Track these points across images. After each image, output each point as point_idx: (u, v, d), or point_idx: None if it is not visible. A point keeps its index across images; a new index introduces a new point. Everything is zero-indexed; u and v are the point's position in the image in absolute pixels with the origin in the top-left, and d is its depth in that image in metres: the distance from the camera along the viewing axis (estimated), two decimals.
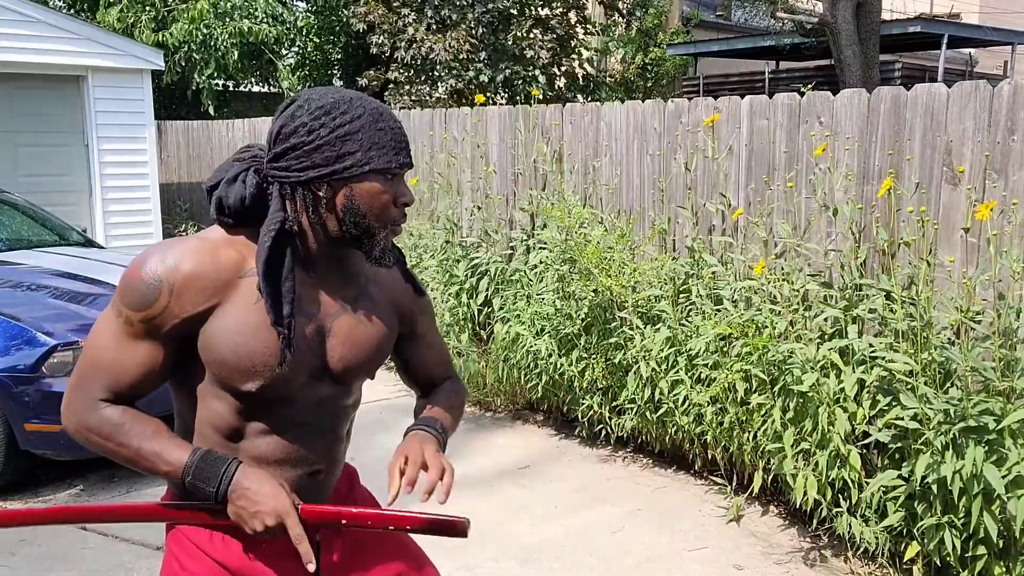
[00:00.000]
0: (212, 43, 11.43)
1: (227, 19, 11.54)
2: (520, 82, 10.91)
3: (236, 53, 11.51)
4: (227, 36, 11.38)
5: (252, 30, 11.48)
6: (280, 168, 1.36)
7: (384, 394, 5.29)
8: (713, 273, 4.10)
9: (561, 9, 11.52)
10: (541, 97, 5.59)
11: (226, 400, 1.39)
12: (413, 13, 10.81)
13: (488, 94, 10.19)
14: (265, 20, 11.91)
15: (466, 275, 5.40)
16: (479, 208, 5.74)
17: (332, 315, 1.44)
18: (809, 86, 4.17)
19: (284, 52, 13.85)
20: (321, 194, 1.36)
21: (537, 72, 10.77)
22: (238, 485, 1.35)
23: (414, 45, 10.48)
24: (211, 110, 11.79)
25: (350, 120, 1.34)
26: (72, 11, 12.47)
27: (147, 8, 11.59)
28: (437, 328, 1.72)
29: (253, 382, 1.36)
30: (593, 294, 4.33)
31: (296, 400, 1.43)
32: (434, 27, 10.74)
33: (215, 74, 11.72)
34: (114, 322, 1.36)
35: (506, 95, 10.97)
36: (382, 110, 1.38)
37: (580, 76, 12.09)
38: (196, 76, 11.55)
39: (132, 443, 1.35)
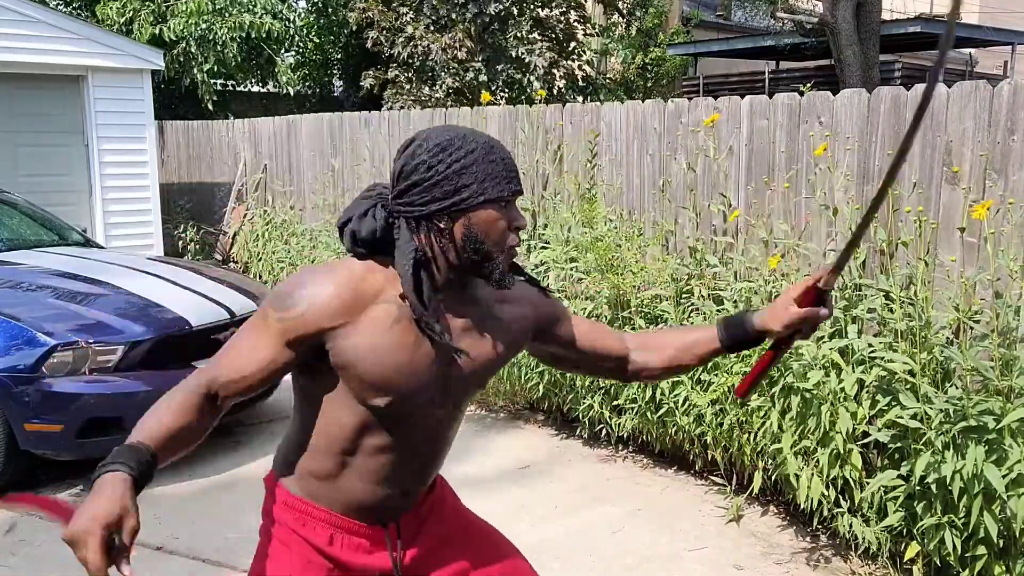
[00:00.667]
0: (211, 37, 11.42)
1: (226, 14, 11.54)
2: (519, 85, 10.90)
3: (235, 47, 11.50)
4: (227, 31, 11.37)
5: (253, 23, 11.47)
6: (404, 204, 1.46)
7: None
8: (715, 273, 4.11)
9: (560, 9, 11.50)
10: (540, 98, 5.58)
11: (355, 414, 1.48)
12: (411, 12, 10.81)
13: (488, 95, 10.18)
14: (265, 16, 11.90)
15: None
16: None
17: (457, 338, 1.52)
18: (808, 86, 4.17)
19: (284, 51, 13.85)
20: (442, 225, 1.45)
21: (534, 78, 10.76)
22: (97, 486, 1.25)
23: (411, 43, 10.47)
24: (210, 105, 11.77)
25: (464, 155, 1.43)
26: (69, 7, 12.47)
27: (147, 2, 11.58)
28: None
29: (383, 397, 1.45)
30: (607, 293, 4.31)
31: (417, 419, 1.52)
32: (432, 27, 10.74)
33: (214, 68, 11.71)
34: (257, 320, 1.46)
35: (505, 95, 10.96)
36: (492, 143, 1.47)
37: (579, 78, 12.07)
38: (195, 71, 11.53)
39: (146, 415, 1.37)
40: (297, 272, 1.49)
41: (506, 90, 10.98)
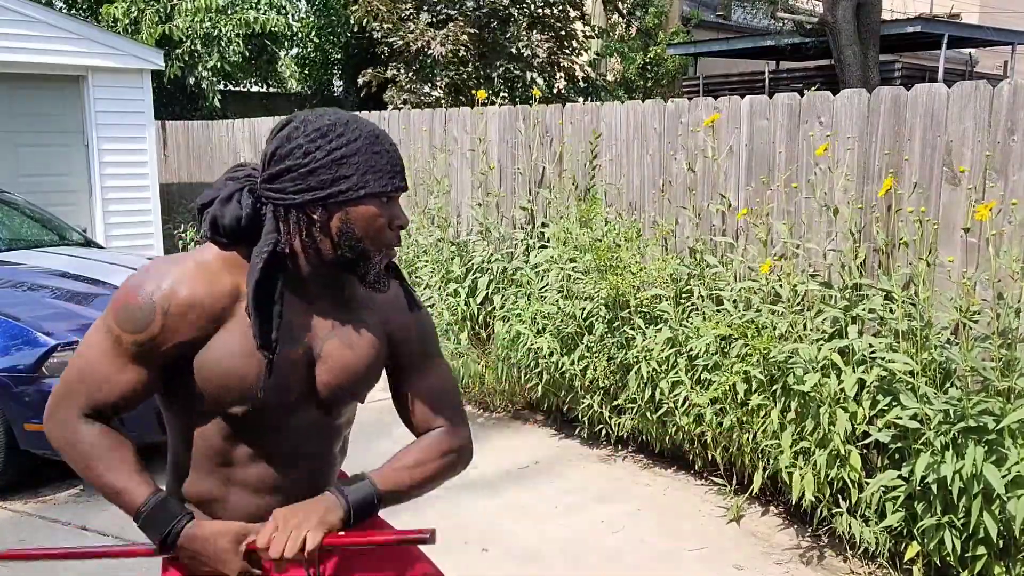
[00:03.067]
0: (216, 35, 11.44)
1: (230, 10, 11.57)
2: (519, 83, 10.90)
3: (240, 43, 11.51)
4: (231, 27, 11.39)
5: (258, 19, 11.48)
6: (275, 190, 1.34)
7: (385, 396, 5.29)
8: (714, 274, 4.10)
9: (559, 7, 11.50)
10: (540, 97, 5.58)
11: (216, 424, 1.39)
12: (411, 8, 10.83)
13: (487, 92, 10.19)
14: (270, 12, 11.92)
15: (462, 273, 5.40)
16: (479, 205, 5.74)
17: (322, 339, 1.42)
18: (814, 88, 4.17)
19: (286, 50, 13.87)
20: (316, 217, 1.34)
21: (534, 74, 10.76)
22: (189, 541, 1.36)
23: (412, 35, 10.48)
24: (216, 102, 11.77)
25: (346, 143, 1.32)
26: (71, 6, 12.48)
27: (151, 2, 11.60)
28: (443, 367, 1.62)
29: (240, 406, 1.36)
30: (606, 293, 4.31)
31: (285, 425, 1.42)
32: (432, 24, 10.76)
33: (218, 66, 11.71)
34: (105, 338, 1.35)
35: (505, 93, 10.96)
36: (378, 133, 1.37)
37: (580, 78, 12.08)
38: (200, 71, 11.54)
39: (98, 469, 1.37)
40: (143, 272, 1.35)
41: (506, 87, 10.98)
